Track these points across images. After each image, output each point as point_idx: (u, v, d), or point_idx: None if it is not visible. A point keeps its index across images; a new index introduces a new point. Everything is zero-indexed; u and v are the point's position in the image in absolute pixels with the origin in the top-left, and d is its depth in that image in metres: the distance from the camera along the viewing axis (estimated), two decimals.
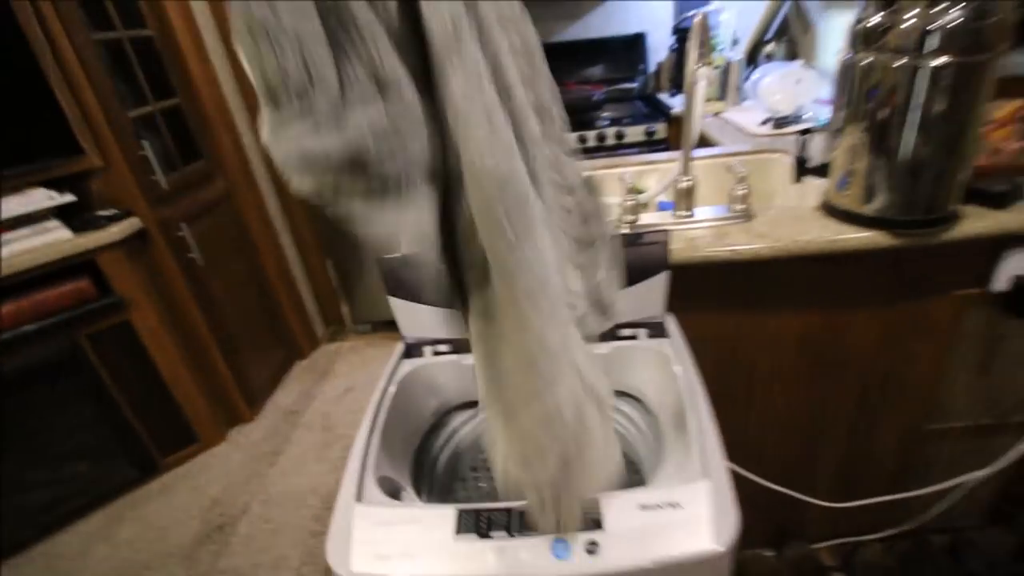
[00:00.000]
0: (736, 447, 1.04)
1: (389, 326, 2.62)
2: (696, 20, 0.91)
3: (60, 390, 1.60)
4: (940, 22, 0.75)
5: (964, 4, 0.74)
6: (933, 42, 0.76)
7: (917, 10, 0.76)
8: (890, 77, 0.80)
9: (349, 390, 2.20)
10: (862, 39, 0.83)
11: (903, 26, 0.78)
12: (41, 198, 1.45)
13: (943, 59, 0.77)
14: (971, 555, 1.19)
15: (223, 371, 1.90)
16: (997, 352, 1.05)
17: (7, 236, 1.41)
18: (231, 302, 1.94)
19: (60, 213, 1.50)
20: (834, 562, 1.26)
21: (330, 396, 2.17)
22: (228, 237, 1.96)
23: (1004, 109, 0.95)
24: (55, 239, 1.47)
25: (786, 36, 2.14)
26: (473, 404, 0.88)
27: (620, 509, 0.58)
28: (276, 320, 2.26)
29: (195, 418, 1.85)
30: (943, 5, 0.75)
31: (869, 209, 0.89)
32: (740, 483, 0.63)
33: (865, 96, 0.84)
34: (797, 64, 1.91)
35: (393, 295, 0.82)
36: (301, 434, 1.98)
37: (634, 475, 0.93)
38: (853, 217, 0.91)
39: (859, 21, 0.83)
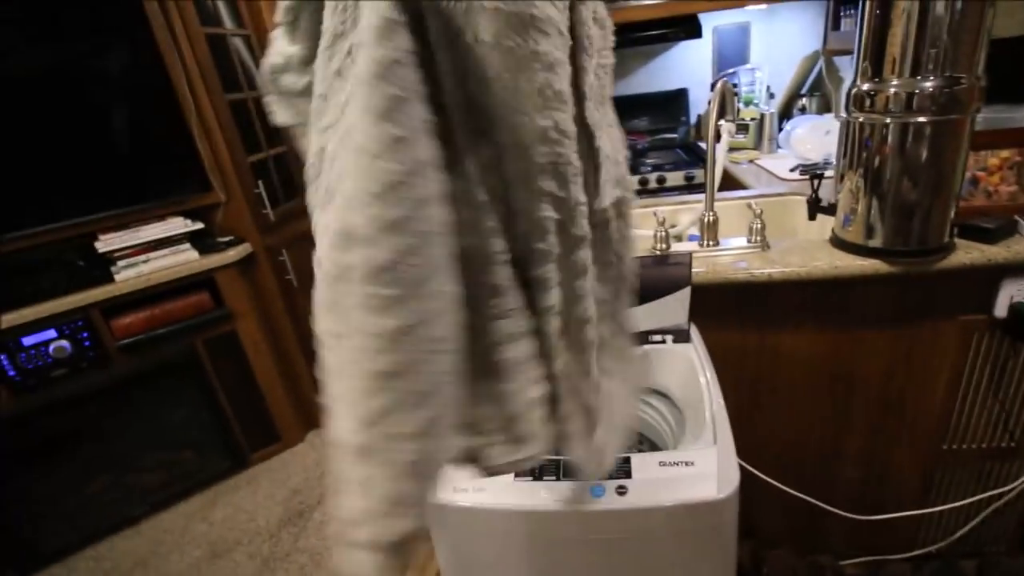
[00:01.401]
0: (760, 454, 1.19)
1: None
2: (718, 86, 1.12)
3: (177, 387, 1.89)
4: (919, 88, 0.92)
5: (937, 75, 0.91)
6: (914, 104, 0.94)
7: (898, 81, 0.94)
8: (880, 132, 0.98)
9: None
10: (856, 102, 1.01)
11: (889, 91, 0.96)
12: (178, 225, 1.79)
13: (923, 118, 0.94)
14: None
15: (306, 380, 2.17)
16: (1006, 375, 1.16)
17: (152, 255, 1.74)
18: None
19: (190, 238, 1.83)
20: None
21: None
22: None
23: (997, 157, 1.10)
24: (186, 259, 1.79)
25: (820, 91, 2.31)
26: None
27: (645, 464, 0.76)
28: None
29: (281, 420, 2.11)
30: (920, 76, 0.93)
31: (871, 242, 1.05)
32: (760, 485, 0.78)
33: (861, 147, 1.02)
34: (829, 116, 2.07)
35: None
36: None
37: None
38: (857, 248, 1.07)
39: (853, 86, 1.01)
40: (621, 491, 0.74)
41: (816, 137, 1.97)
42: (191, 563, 1.74)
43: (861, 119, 1.01)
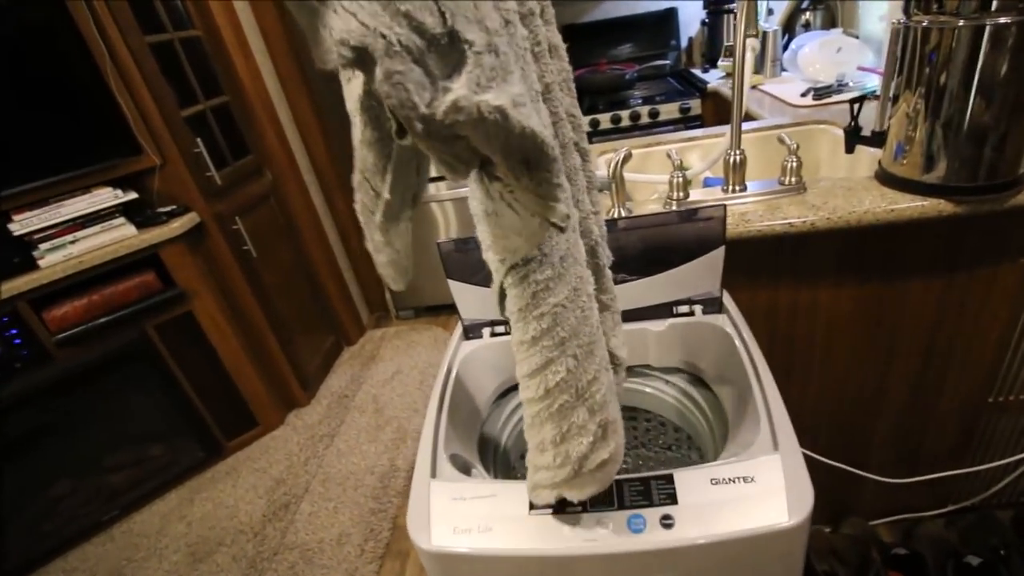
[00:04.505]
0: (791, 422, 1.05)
1: (431, 312, 2.67)
2: None
3: (132, 378, 1.70)
4: None
5: None
6: (993, 2, 0.74)
7: None
8: (949, 39, 0.79)
9: (396, 374, 2.27)
10: (917, 2, 0.81)
11: None
12: (107, 196, 1.54)
13: (1007, 18, 0.74)
14: None
15: (279, 358, 1.98)
16: None
17: (80, 234, 1.50)
18: (283, 291, 2.01)
19: (124, 211, 1.58)
20: (893, 538, 1.25)
21: (378, 380, 2.24)
22: (277, 228, 2.03)
23: None
24: (122, 235, 1.56)
25: (823, 3, 2.07)
26: None
27: (693, 484, 0.60)
28: (325, 308, 2.33)
29: (255, 403, 1.94)
30: None
31: (929, 177, 0.88)
32: None
33: (922, 61, 0.83)
34: (837, 32, 1.85)
35: (451, 277, 0.85)
36: (354, 417, 2.06)
37: (690, 451, 0.95)
38: (912, 185, 0.90)
39: None
40: (667, 523, 0.58)
41: (826, 55, 1.75)
42: (170, 569, 1.60)
43: (925, 23, 0.81)
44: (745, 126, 1.45)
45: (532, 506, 0.61)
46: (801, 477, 0.59)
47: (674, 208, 0.99)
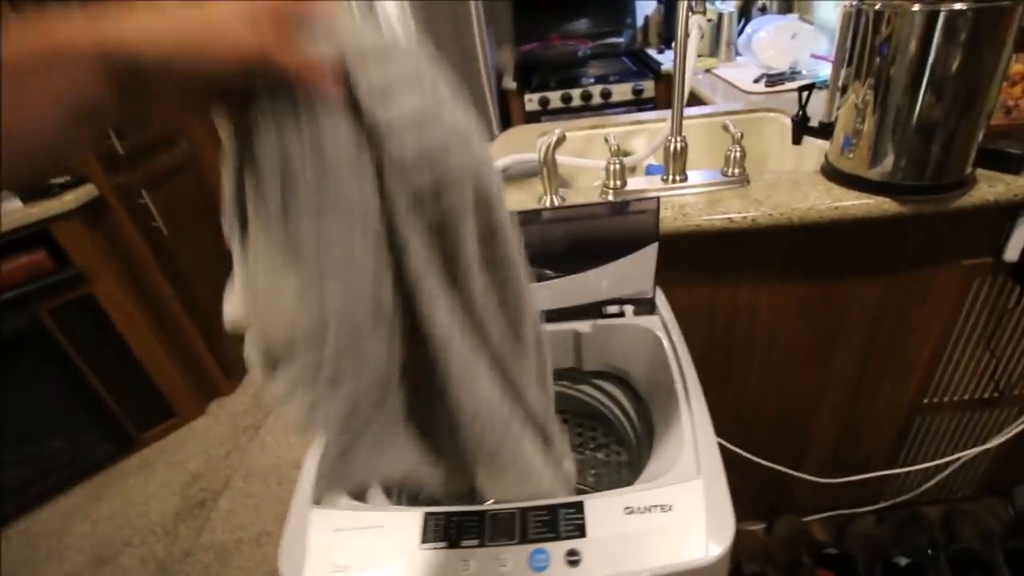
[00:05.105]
0: (724, 420, 1.00)
1: None
2: None
3: (25, 367, 1.53)
4: None
5: None
6: None
7: None
8: (902, 25, 0.72)
9: None
10: None
11: None
12: None
13: (962, 4, 0.69)
14: (965, 525, 1.18)
15: (198, 344, 1.83)
16: (1002, 323, 1.01)
17: None
18: (202, 273, 1.85)
19: None
20: (826, 536, 1.24)
21: None
22: (195, 205, 1.85)
23: (1020, 63, 0.88)
24: (5, 210, 1.38)
25: None
26: None
27: (604, 513, 0.53)
28: None
29: (171, 392, 1.79)
30: None
31: (875, 173, 0.82)
32: (727, 457, 0.59)
33: (873, 49, 0.77)
34: (793, 17, 1.81)
35: None
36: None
37: (623, 461, 0.89)
38: (857, 182, 0.85)
39: None
40: (573, 559, 0.51)
41: (782, 41, 1.70)
42: (70, 572, 1.47)
43: (878, 6, 0.75)
44: (692, 111, 1.38)
45: (425, 538, 0.53)
46: (723, 505, 0.53)
47: (610, 198, 0.91)
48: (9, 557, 1.53)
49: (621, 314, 0.79)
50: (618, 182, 0.91)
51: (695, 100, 1.68)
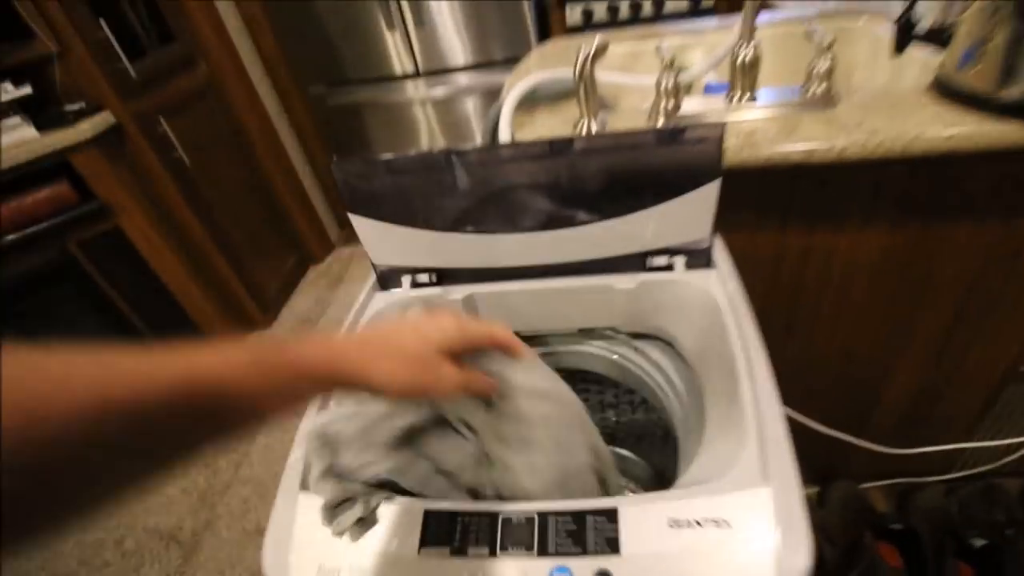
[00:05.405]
0: (780, 381, 0.89)
1: None
2: None
3: (58, 301, 1.53)
4: None
5: None
6: None
7: None
8: None
9: None
10: None
11: None
12: None
13: None
14: None
15: (229, 277, 1.81)
16: None
17: None
18: (229, 204, 1.79)
19: (23, 108, 1.34)
20: (887, 506, 1.13)
21: (344, 303, 2.09)
22: (218, 132, 1.77)
23: None
24: (20, 138, 1.32)
25: None
26: None
27: (643, 526, 0.43)
28: (283, 223, 2.12)
29: (206, 326, 1.79)
30: None
31: (1008, 93, 0.64)
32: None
33: None
34: None
35: (355, 212, 0.65)
36: None
37: (664, 442, 0.79)
38: (982, 102, 0.66)
39: None
40: None
41: None
42: None
43: None
44: (766, 17, 1.16)
45: (423, 542, 0.45)
46: (798, 523, 0.42)
47: (661, 123, 0.76)
48: None
49: (670, 267, 0.66)
50: (671, 103, 0.76)
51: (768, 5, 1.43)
